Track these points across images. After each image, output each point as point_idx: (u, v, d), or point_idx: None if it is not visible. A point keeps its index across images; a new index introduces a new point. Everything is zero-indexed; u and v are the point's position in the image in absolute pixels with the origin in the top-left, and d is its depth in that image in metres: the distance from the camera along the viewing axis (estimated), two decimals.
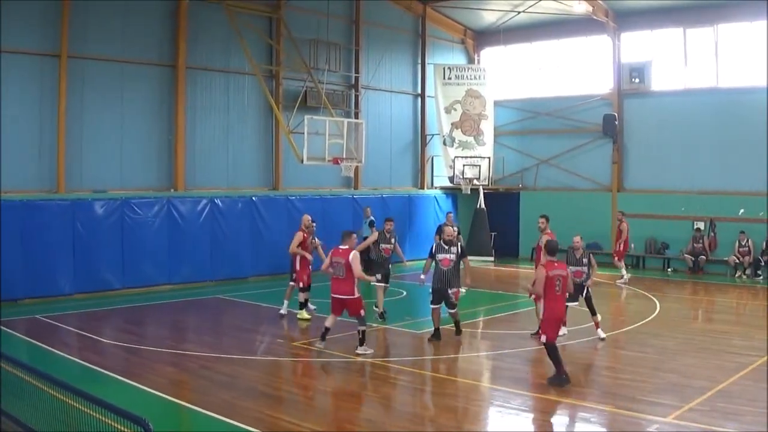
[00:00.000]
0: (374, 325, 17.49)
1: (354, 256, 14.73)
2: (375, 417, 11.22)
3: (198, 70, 25.15)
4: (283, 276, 25.50)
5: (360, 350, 14.77)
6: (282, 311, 19.01)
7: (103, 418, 7.81)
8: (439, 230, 22.02)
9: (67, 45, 21.75)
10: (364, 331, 14.88)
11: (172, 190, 24.25)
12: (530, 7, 30.68)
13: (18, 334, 16.33)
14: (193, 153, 25.02)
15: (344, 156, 24.94)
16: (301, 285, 18.66)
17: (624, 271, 25.63)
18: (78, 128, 22.35)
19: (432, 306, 16.24)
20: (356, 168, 27.42)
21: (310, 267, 18.79)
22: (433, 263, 16.32)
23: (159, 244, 23.16)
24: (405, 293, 22.75)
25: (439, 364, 14.74)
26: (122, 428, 7.37)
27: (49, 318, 18.34)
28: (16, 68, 20.97)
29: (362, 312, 14.85)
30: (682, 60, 29.17)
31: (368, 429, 10.61)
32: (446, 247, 16.12)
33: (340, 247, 15.01)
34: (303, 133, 23.79)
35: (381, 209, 29.53)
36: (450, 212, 23.98)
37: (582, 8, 27.95)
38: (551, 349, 12.76)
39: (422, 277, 16.96)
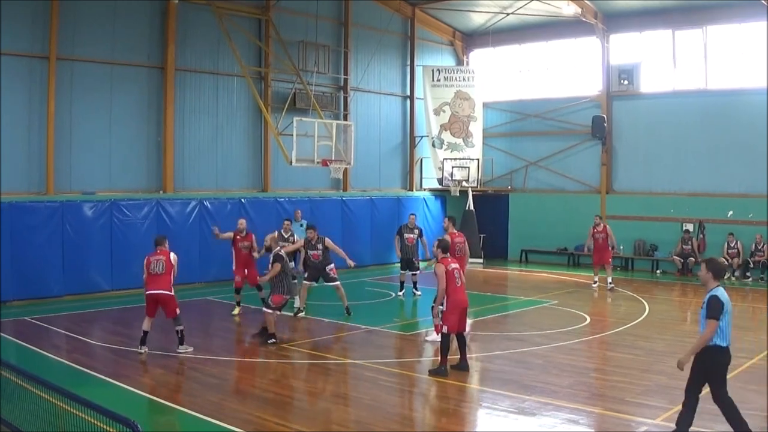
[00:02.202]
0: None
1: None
2: (363, 418, 11.21)
3: (187, 71, 25.14)
4: None
5: (180, 349, 15.02)
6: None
7: (93, 420, 7.80)
8: (400, 231, 22.17)
9: (55, 47, 21.72)
10: (182, 331, 15.09)
11: (161, 192, 24.23)
12: (519, 9, 30.75)
13: (7, 336, 16.27)
14: (182, 155, 25.00)
15: (333, 158, 24.97)
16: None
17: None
18: (67, 130, 22.32)
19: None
20: (345, 170, 27.42)
21: (247, 270, 19.67)
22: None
23: (148, 246, 22.77)
24: (393, 295, 22.74)
25: (427, 365, 14.74)
26: (111, 430, 7.35)
27: (38, 320, 18.30)
28: (5, 70, 20.92)
29: (177, 311, 15.01)
30: (671, 62, 29.26)
31: (356, 430, 10.61)
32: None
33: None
34: (292, 135, 23.82)
35: (370, 211, 29.61)
36: (413, 214, 23.89)
37: (571, 10, 27.99)
38: (445, 339, 13.46)
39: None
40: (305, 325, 18.45)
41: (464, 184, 31.45)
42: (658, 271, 28.66)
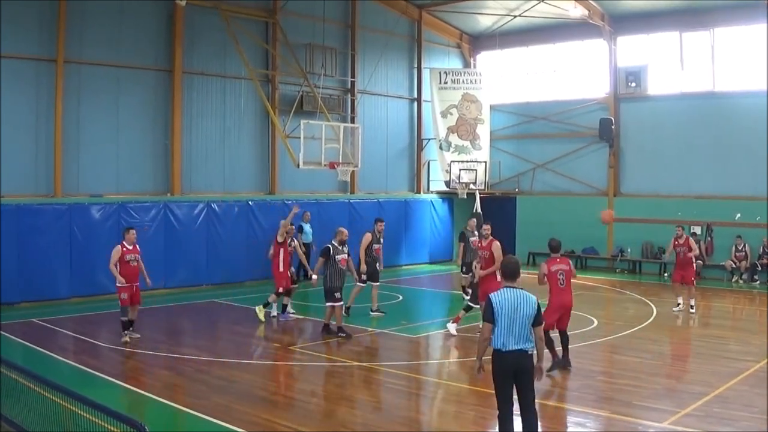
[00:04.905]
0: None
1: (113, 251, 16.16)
2: (370, 420, 11.22)
3: (194, 74, 25.17)
4: None
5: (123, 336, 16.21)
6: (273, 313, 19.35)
7: (100, 422, 7.81)
8: (464, 236, 21.81)
9: (63, 50, 21.78)
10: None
11: (168, 195, 24.26)
12: (526, 11, 30.70)
13: (15, 338, 16.32)
14: (189, 157, 25.04)
15: (340, 160, 24.99)
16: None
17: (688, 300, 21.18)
18: (74, 133, 22.37)
19: (336, 304, 17.02)
20: (352, 172, 27.45)
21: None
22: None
23: (155, 248, 23.10)
24: (401, 297, 22.74)
25: (434, 368, 14.76)
26: None
27: (46, 321, 18.35)
28: (13, 73, 20.99)
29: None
30: (679, 64, 29.19)
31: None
32: (341, 248, 17.42)
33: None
34: (299, 138, 23.82)
35: (377, 213, 29.54)
36: (472, 218, 23.60)
37: (578, 12, 27.95)
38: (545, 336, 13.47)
39: (315, 277, 17.90)
40: (312, 327, 18.45)
41: (471, 186, 31.38)
42: (665, 274, 28.54)
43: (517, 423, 9.20)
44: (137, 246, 16.49)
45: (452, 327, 17.27)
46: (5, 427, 9.64)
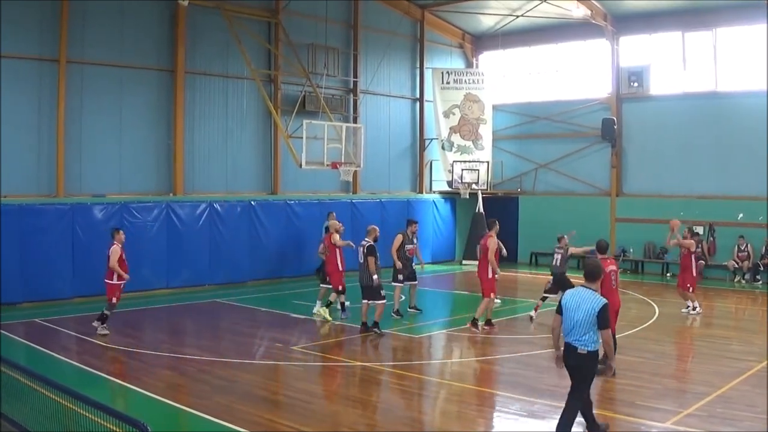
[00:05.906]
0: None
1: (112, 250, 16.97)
2: (373, 421, 11.23)
3: (197, 74, 25.18)
4: (280, 280, 25.62)
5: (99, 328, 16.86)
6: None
7: (102, 422, 7.81)
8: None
9: (65, 50, 21.81)
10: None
11: (171, 195, 24.26)
12: (529, 11, 30.68)
13: (17, 338, 16.35)
14: (192, 157, 25.05)
15: (343, 160, 24.99)
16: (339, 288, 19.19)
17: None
18: (77, 133, 22.39)
19: (381, 301, 17.34)
20: (355, 172, 27.42)
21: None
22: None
23: (158, 248, 23.16)
24: (403, 297, 22.68)
25: (437, 368, 14.75)
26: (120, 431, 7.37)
27: (48, 321, 18.38)
28: (15, 73, 21.02)
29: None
30: (681, 64, 29.17)
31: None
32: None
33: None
34: (302, 138, 23.84)
35: (380, 213, 29.55)
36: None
37: (580, 12, 27.94)
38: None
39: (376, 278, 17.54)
40: (315, 327, 18.45)
41: (474, 186, 31.42)
42: (668, 274, 28.53)
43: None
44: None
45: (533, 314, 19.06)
46: (7, 426, 9.64)
